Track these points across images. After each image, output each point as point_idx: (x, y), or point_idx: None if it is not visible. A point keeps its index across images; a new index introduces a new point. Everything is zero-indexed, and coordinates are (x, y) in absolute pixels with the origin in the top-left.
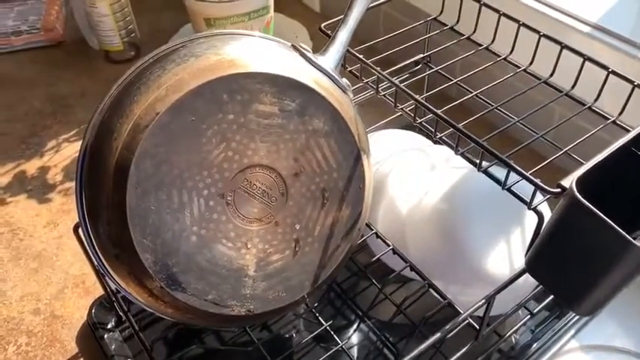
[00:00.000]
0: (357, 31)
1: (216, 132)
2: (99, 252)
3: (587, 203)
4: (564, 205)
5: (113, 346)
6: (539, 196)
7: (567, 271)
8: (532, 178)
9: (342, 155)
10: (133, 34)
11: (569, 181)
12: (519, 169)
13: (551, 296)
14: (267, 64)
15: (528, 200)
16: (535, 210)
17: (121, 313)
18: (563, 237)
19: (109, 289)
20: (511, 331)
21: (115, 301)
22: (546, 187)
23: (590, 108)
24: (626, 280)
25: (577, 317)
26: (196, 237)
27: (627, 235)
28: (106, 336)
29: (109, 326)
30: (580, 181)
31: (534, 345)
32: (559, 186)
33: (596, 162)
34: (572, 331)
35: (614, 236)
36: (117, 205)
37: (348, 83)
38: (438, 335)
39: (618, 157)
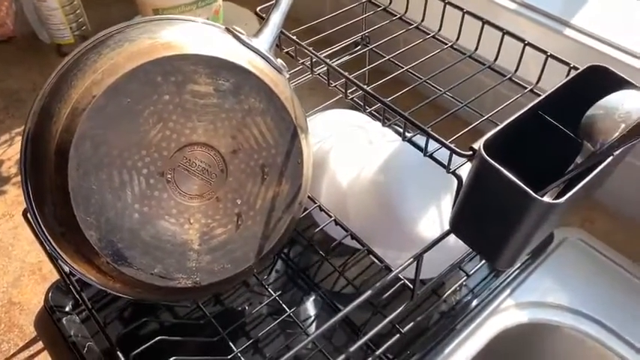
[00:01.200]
0: (303, 13)
1: (152, 112)
2: (46, 232)
3: (493, 162)
4: (475, 165)
5: (71, 329)
6: (456, 161)
7: (484, 227)
8: (446, 142)
9: (278, 132)
10: (83, 27)
11: (479, 144)
12: (435, 135)
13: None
14: (201, 46)
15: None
16: (454, 173)
17: (76, 295)
18: (477, 196)
19: (62, 272)
20: (448, 291)
21: (69, 283)
22: (459, 150)
23: (510, 79)
24: (534, 231)
25: (512, 276)
26: (139, 214)
27: (529, 190)
28: (63, 319)
29: (67, 309)
30: (490, 144)
31: (472, 304)
32: (470, 149)
33: (505, 125)
34: (508, 290)
35: (519, 191)
36: (60, 186)
37: (283, 64)
38: (369, 292)
39: (527, 120)
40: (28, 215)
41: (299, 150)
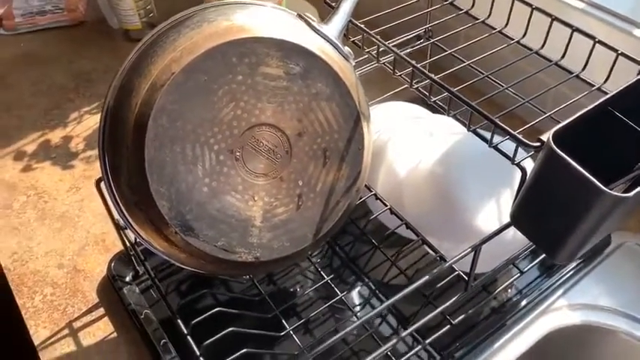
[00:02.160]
0: (362, 8)
1: (226, 92)
2: (119, 201)
3: (561, 154)
4: (542, 157)
5: (131, 298)
6: (521, 153)
7: (546, 220)
8: (514, 132)
9: (342, 118)
10: (151, 14)
11: (548, 136)
12: (503, 125)
13: (541, 257)
14: (274, 30)
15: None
16: (518, 165)
17: (137, 267)
18: (542, 188)
19: (128, 242)
20: (500, 287)
21: (132, 254)
22: (526, 141)
23: (577, 76)
24: (599, 225)
25: (565, 278)
26: (207, 188)
27: (597, 182)
28: (124, 288)
29: (127, 279)
30: (559, 137)
31: (523, 302)
32: (538, 140)
33: (574, 118)
34: (560, 291)
35: (586, 184)
36: (136, 156)
37: (350, 51)
38: (424, 279)
39: (596, 116)
40: (102, 184)
41: (361, 137)
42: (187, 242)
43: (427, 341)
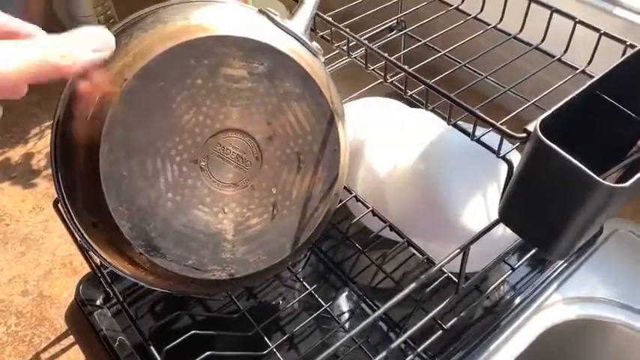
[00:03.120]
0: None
1: (185, 97)
2: (77, 222)
3: (551, 144)
4: (530, 148)
5: (102, 323)
6: (507, 145)
7: (537, 215)
8: (498, 125)
9: (315, 118)
10: (111, 20)
11: (534, 125)
12: (485, 117)
13: (531, 252)
14: (234, 27)
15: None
16: (504, 158)
17: (107, 288)
18: (531, 181)
19: (93, 264)
20: (492, 286)
21: (100, 275)
22: (512, 133)
23: (559, 60)
24: (595, 218)
25: (558, 271)
26: (172, 203)
27: (591, 173)
28: (95, 313)
29: (98, 303)
30: (545, 126)
31: (517, 300)
32: (524, 131)
33: (561, 105)
34: (554, 285)
35: (579, 175)
36: (91, 173)
37: (319, 47)
38: (412, 285)
39: (584, 101)
40: (59, 205)
41: (336, 137)
42: (154, 263)
43: (420, 348)
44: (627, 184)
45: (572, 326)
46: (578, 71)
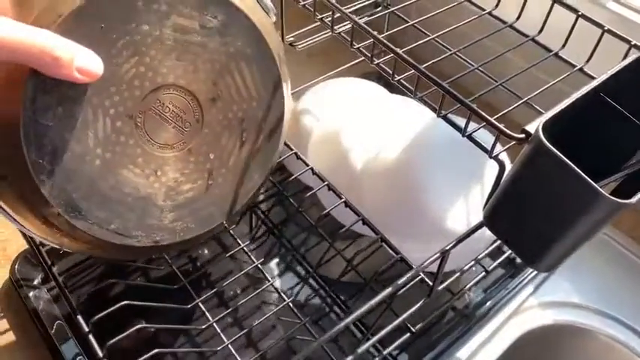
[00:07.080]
0: None
1: (128, 43)
2: None
3: (554, 150)
4: (529, 151)
5: (40, 304)
6: (500, 145)
7: (528, 224)
8: (495, 122)
9: (262, 84)
10: None
11: (535, 127)
12: (481, 112)
13: (506, 254)
14: None
15: (489, 148)
16: (496, 159)
17: (43, 264)
18: (526, 187)
19: (31, 242)
20: (465, 288)
21: (37, 254)
22: (510, 133)
23: (556, 55)
24: (590, 233)
25: (532, 275)
26: (100, 160)
27: (596, 185)
28: (31, 293)
29: (35, 283)
30: (546, 129)
31: (488, 303)
32: (523, 131)
33: (564, 106)
34: (529, 289)
35: (582, 186)
36: (9, 121)
37: (273, 6)
38: (389, 290)
39: (586, 104)
40: None
41: (281, 108)
42: (72, 225)
43: (387, 351)
44: (633, 200)
45: (548, 332)
46: (575, 69)
